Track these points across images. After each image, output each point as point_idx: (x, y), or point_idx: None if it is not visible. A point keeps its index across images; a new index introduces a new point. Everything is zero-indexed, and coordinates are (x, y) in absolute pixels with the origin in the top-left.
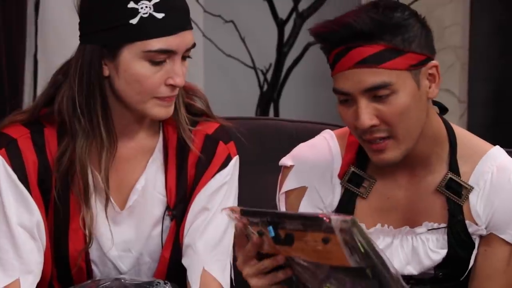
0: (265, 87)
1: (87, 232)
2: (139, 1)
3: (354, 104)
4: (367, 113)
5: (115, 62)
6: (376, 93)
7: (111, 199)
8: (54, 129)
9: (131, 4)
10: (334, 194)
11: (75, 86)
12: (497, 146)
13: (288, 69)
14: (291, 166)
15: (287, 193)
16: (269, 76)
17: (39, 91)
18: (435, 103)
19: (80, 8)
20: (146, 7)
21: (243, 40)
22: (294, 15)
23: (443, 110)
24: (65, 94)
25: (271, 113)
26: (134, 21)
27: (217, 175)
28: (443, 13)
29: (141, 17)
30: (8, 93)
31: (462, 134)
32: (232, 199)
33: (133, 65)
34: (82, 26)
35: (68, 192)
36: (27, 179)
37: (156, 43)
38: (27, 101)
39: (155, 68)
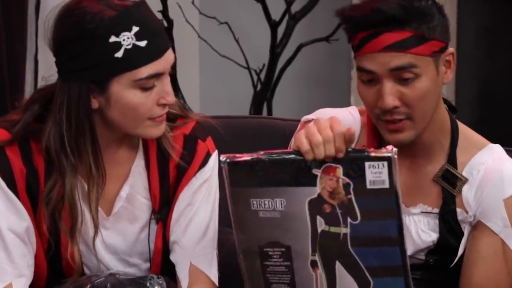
0: (259, 87)
1: (75, 264)
2: (119, 34)
3: (378, 84)
4: (391, 94)
5: (105, 95)
6: (401, 75)
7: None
8: (41, 156)
9: (113, 38)
10: None
11: (63, 123)
12: (498, 144)
13: (281, 69)
14: (312, 120)
15: None
16: (262, 76)
17: None
18: (444, 101)
19: (57, 46)
20: (128, 38)
21: (237, 41)
22: (286, 17)
23: (452, 109)
24: (52, 131)
25: (265, 112)
26: (119, 54)
27: (198, 174)
28: None
29: (125, 49)
30: (9, 93)
31: (465, 128)
32: (213, 193)
33: (124, 95)
34: (62, 64)
35: (57, 224)
36: (16, 186)
37: (145, 70)
38: None
39: (146, 93)
